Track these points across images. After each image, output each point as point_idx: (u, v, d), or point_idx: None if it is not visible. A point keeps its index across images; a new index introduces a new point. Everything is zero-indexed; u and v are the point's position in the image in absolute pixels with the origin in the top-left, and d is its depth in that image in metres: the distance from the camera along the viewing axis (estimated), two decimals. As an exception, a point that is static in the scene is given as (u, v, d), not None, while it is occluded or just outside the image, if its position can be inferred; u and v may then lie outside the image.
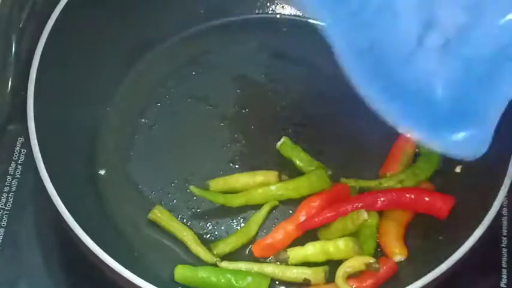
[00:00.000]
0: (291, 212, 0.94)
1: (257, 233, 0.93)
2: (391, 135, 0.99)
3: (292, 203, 0.95)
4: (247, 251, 0.92)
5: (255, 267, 0.89)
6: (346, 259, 0.88)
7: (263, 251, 0.91)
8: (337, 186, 0.95)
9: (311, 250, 0.89)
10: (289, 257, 0.89)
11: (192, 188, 0.93)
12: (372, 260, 0.86)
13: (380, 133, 1.00)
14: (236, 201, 0.94)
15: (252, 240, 0.93)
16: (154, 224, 0.94)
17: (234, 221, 0.95)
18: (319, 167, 0.96)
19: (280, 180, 0.95)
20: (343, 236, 0.90)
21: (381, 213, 0.93)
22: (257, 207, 0.94)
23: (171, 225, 0.92)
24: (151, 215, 0.93)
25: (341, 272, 0.87)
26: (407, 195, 0.91)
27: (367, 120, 1.01)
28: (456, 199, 0.91)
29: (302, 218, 0.91)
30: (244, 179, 0.95)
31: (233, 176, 0.96)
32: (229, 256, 0.91)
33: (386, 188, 0.94)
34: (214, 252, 0.91)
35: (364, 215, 0.89)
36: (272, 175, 0.95)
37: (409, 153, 0.98)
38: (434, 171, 0.96)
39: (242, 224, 0.94)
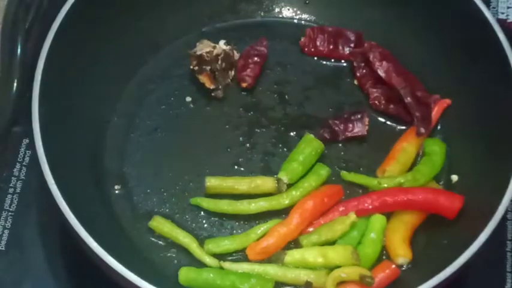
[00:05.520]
0: (284, 215, 0.94)
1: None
2: (393, 136, 1.00)
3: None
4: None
5: (258, 268, 0.89)
6: (343, 265, 0.87)
7: (257, 254, 0.91)
8: (330, 188, 0.95)
9: (309, 253, 0.89)
10: (286, 254, 0.89)
11: (192, 200, 0.95)
12: (367, 273, 0.86)
13: (382, 134, 1.01)
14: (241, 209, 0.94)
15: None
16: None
17: (237, 224, 0.95)
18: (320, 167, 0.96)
19: (277, 186, 0.94)
20: (327, 241, 0.90)
21: (389, 214, 0.93)
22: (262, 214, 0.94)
23: (172, 233, 0.92)
24: (151, 223, 0.93)
25: (334, 275, 0.87)
26: (415, 196, 0.91)
27: (369, 122, 1.02)
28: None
29: (296, 221, 0.91)
30: (242, 183, 0.95)
31: (231, 179, 0.96)
32: (231, 256, 0.92)
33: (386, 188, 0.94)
34: (205, 249, 0.91)
35: (353, 217, 0.89)
36: (270, 181, 0.95)
37: (410, 152, 0.98)
38: (435, 175, 0.96)
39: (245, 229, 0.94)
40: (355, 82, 1.05)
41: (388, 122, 1.02)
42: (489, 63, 0.94)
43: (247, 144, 1.01)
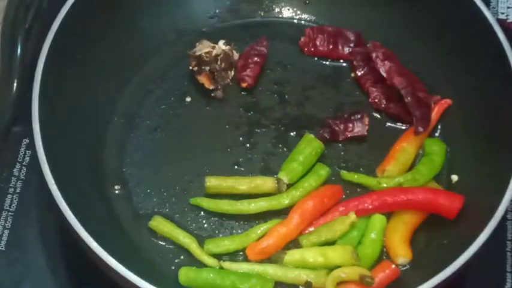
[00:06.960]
0: (284, 215, 0.94)
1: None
2: (393, 136, 1.00)
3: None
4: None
5: (258, 268, 0.89)
6: (343, 265, 0.87)
7: (257, 254, 0.91)
8: (330, 188, 0.95)
9: (309, 253, 0.89)
10: (286, 254, 0.89)
11: (192, 200, 0.95)
12: (367, 273, 0.86)
13: (382, 134, 1.01)
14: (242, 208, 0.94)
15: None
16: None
17: (237, 224, 0.95)
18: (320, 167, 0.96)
19: (277, 186, 0.94)
20: (326, 241, 0.90)
21: (389, 214, 0.93)
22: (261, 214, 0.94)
23: (172, 233, 0.92)
24: (151, 223, 0.93)
25: (335, 274, 0.87)
26: (415, 196, 0.91)
27: (369, 121, 1.02)
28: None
29: (296, 221, 0.91)
30: (242, 183, 0.95)
31: (231, 178, 0.96)
32: (231, 256, 0.92)
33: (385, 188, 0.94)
34: (205, 249, 0.91)
35: (353, 217, 0.89)
36: (270, 181, 0.95)
37: (409, 152, 0.98)
38: (435, 175, 0.96)
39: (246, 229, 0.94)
40: (352, 74, 1.05)
41: (388, 122, 1.02)
42: (489, 63, 0.94)
43: (247, 144, 1.01)
